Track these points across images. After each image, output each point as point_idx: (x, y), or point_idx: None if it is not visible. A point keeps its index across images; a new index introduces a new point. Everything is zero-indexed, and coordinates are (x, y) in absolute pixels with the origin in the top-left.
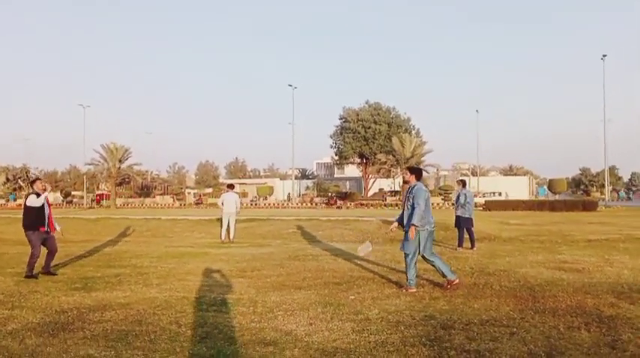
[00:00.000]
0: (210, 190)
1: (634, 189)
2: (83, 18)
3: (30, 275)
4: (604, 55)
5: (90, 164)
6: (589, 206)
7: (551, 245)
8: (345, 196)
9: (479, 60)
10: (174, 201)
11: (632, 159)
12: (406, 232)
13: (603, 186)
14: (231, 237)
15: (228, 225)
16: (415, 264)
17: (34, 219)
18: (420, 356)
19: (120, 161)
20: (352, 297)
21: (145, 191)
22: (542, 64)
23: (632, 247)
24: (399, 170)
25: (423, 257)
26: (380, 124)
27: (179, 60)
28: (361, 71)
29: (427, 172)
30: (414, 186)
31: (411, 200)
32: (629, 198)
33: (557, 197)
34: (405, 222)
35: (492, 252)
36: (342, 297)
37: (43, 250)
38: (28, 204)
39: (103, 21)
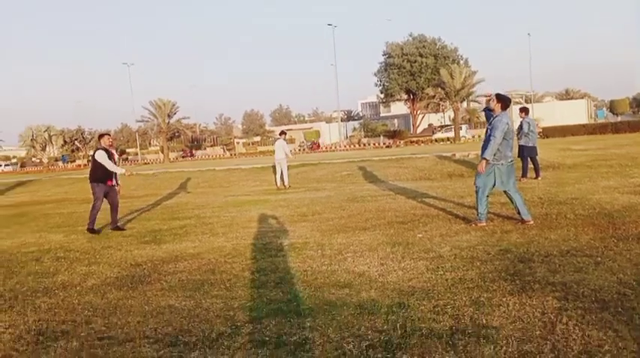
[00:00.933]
0: (258, 138)
1: None
2: None
3: (92, 228)
4: None
5: (140, 121)
6: None
7: (621, 168)
8: (394, 134)
9: None
10: (224, 151)
11: None
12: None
13: None
14: (286, 183)
15: (282, 172)
16: (486, 198)
17: (102, 173)
18: (502, 291)
19: (169, 116)
20: (420, 235)
21: (195, 144)
22: None
23: None
24: (448, 103)
25: (505, 192)
26: (426, 57)
27: (217, 11)
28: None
29: (478, 103)
30: (496, 116)
31: (489, 131)
32: None
33: (619, 118)
34: (480, 153)
35: (559, 180)
36: (409, 236)
37: (105, 205)
38: (97, 158)
39: None
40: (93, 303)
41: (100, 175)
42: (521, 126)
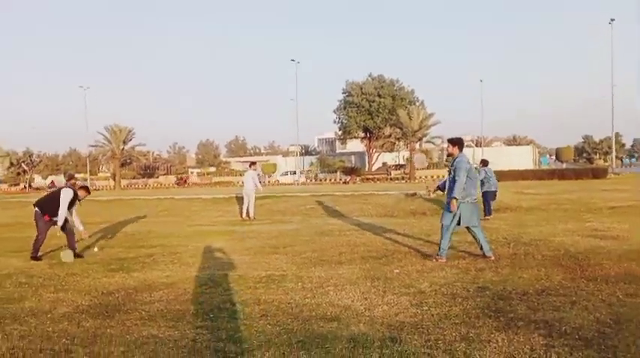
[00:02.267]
0: (213, 169)
1: (636, 155)
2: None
3: (35, 256)
4: (612, 20)
5: (94, 146)
6: (598, 173)
7: (575, 213)
8: (351, 171)
9: (482, 30)
10: (178, 181)
11: (633, 126)
12: (447, 203)
13: (607, 153)
14: (251, 214)
15: (249, 203)
16: (450, 235)
17: (55, 208)
18: (489, 327)
19: (124, 142)
20: (397, 271)
21: (148, 172)
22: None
23: None
24: (402, 143)
25: (467, 228)
26: (384, 97)
27: (175, 40)
28: (359, 44)
29: (433, 144)
30: (456, 158)
31: (452, 172)
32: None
33: (564, 165)
34: (446, 193)
35: (520, 222)
36: (386, 271)
37: (53, 232)
38: (63, 197)
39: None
40: (69, 331)
41: (51, 209)
42: (484, 173)
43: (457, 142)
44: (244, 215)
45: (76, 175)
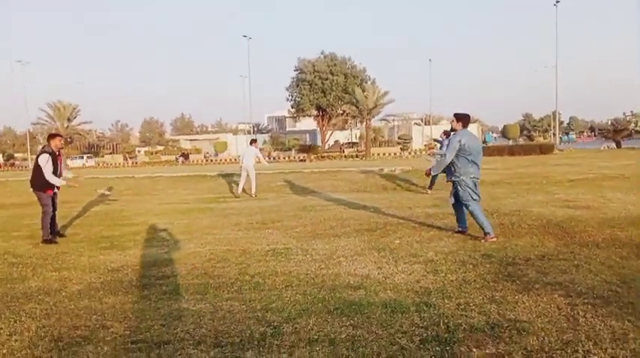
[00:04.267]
0: (161, 148)
1: (571, 132)
2: None
3: (47, 239)
4: (557, 1)
5: (36, 124)
6: (546, 149)
7: (539, 186)
8: (308, 149)
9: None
10: (125, 159)
11: (570, 105)
12: (454, 183)
13: (546, 130)
14: (253, 190)
15: (247, 179)
16: (480, 209)
17: (45, 180)
18: (510, 290)
19: (69, 119)
20: (397, 241)
21: (93, 150)
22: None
23: (617, 185)
24: (355, 121)
25: (453, 205)
26: (337, 75)
27: (121, 8)
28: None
29: (387, 121)
30: (454, 134)
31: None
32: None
33: (510, 142)
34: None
35: (491, 195)
36: (386, 242)
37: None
38: (39, 162)
39: None
40: (94, 308)
41: (43, 182)
42: (441, 147)
43: (462, 118)
44: (240, 191)
45: (15, 155)
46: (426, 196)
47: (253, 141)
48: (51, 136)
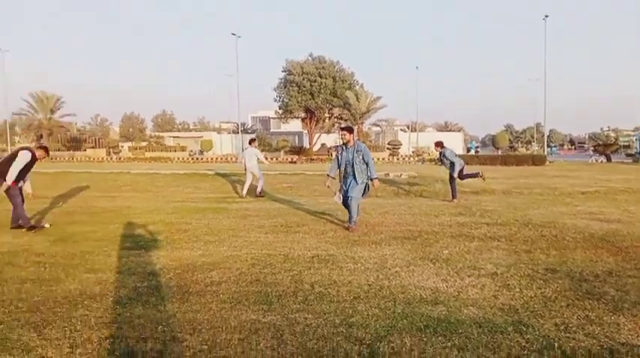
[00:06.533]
0: (144, 144)
1: (552, 145)
2: None
3: (31, 225)
4: (546, 16)
5: (18, 114)
6: (538, 160)
7: (554, 197)
8: (299, 151)
9: (418, 18)
10: (109, 154)
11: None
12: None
13: (529, 142)
14: (258, 190)
15: (251, 180)
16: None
17: (18, 175)
18: (602, 310)
19: (51, 111)
20: (445, 251)
21: (74, 144)
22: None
23: (630, 199)
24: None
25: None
26: (325, 78)
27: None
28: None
29: (378, 126)
30: (359, 144)
31: (363, 158)
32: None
33: (499, 152)
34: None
35: (509, 204)
36: (434, 252)
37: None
38: (20, 159)
39: None
40: (154, 317)
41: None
42: (445, 157)
43: (351, 129)
44: (244, 193)
45: None
46: (448, 204)
47: (252, 141)
48: (42, 148)
